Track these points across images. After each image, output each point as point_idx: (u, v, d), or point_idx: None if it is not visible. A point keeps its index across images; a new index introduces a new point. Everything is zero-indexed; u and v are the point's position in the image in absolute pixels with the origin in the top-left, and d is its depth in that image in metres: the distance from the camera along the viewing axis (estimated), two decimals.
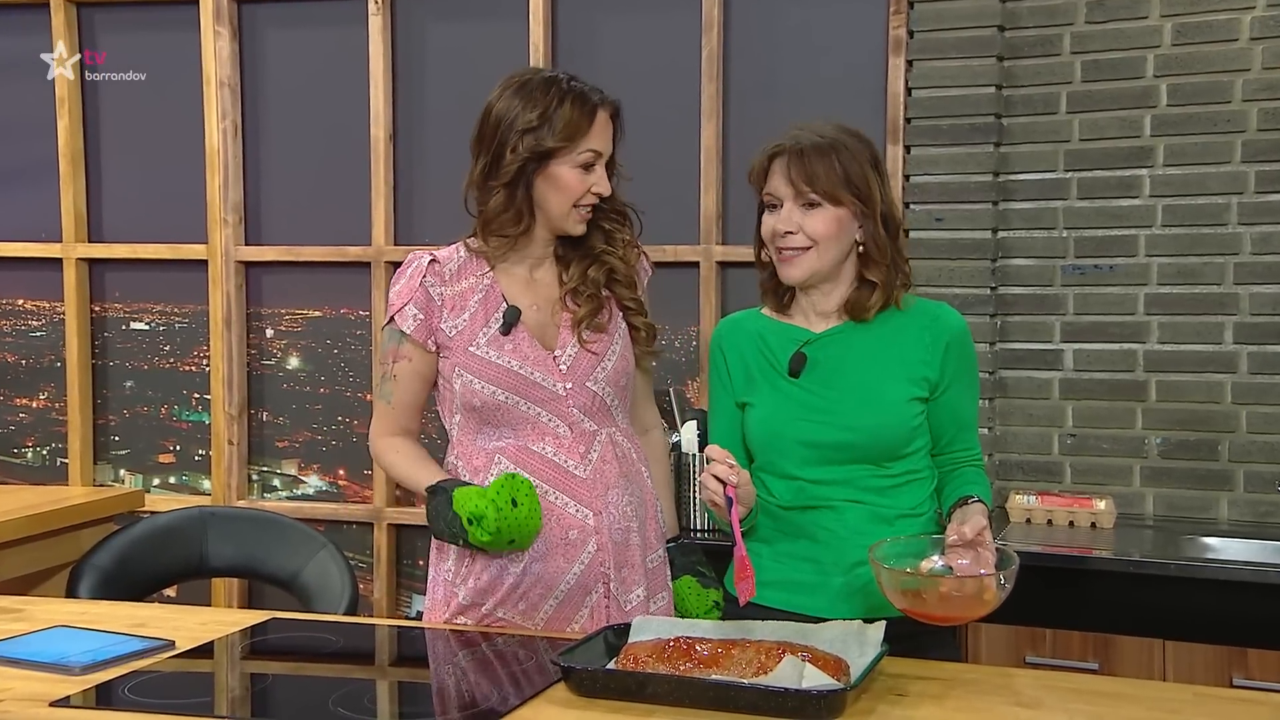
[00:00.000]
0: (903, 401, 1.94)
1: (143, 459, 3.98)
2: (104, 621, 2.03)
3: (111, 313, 3.99)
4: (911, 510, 1.97)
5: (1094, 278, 3.22)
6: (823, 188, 1.92)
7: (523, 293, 2.08)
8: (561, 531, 2.00)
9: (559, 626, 2.02)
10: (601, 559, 2.02)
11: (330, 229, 3.77)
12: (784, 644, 1.64)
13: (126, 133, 3.93)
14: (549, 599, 2.02)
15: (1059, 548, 2.81)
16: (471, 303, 2.05)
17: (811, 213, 1.93)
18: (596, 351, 2.06)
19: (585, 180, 2.01)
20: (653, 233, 3.55)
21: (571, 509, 2.01)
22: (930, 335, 1.97)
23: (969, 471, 2.01)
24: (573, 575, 2.01)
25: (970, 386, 2.02)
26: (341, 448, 3.80)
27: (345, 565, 2.85)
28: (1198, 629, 2.62)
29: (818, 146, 1.93)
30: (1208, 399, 3.14)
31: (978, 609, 1.72)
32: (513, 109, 1.99)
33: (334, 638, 2.05)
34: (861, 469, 1.94)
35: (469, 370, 2.02)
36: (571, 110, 1.98)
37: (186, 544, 2.98)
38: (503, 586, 2.01)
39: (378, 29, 3.66)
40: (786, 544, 1.99)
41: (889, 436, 1.94)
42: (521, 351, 2.02)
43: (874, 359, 1.96)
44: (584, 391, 2.04)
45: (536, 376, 2.01)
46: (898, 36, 3.28)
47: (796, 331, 2.02)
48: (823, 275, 1.97)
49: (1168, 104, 3.14)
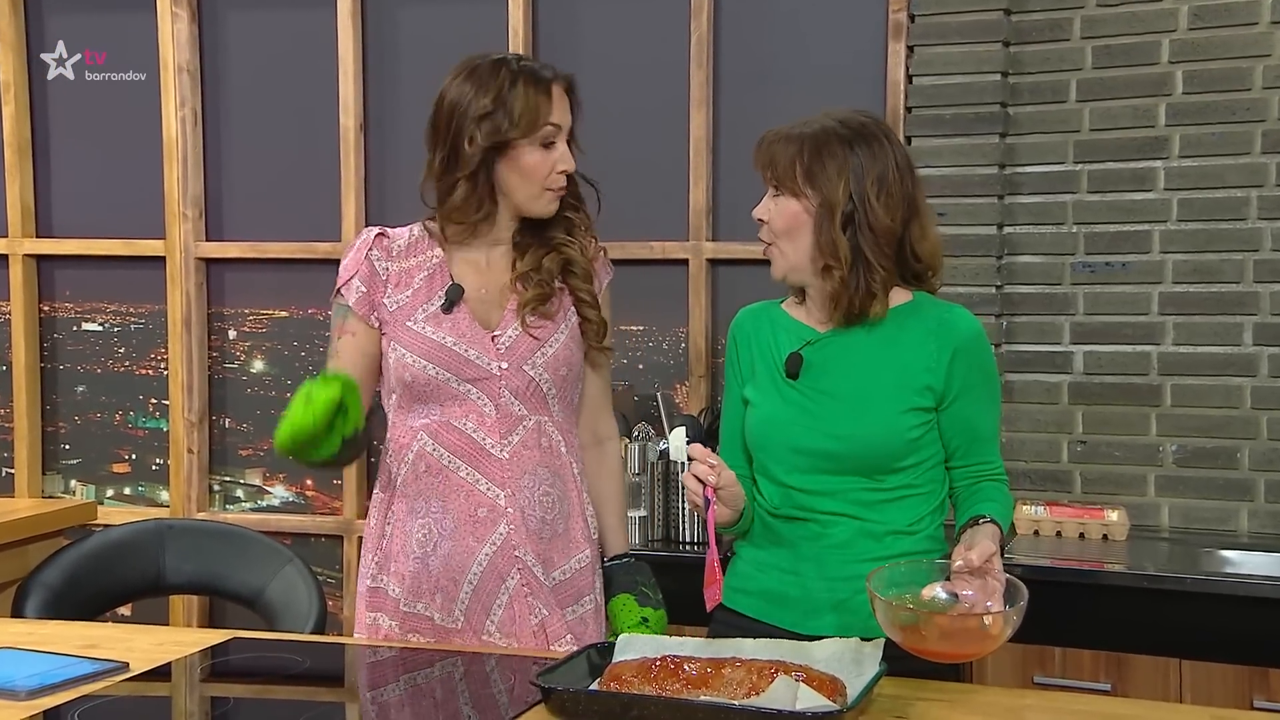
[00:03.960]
0: (898, 412, 1.93)
1: (95, 469, 3.96)
2: (53, 643, 2.01)
3: (62, 313, 3.97)
4: (906, 528, 1.96)
5: (1105, 276, 3.23)
6: (777, 175, 1.94)
7: (472, 275, 2.13)
8: (470, 508, 2.06)
9: (478, 618, 2.05)
10: (515, 542, 2.06)
11: (297, 224, 3.76)
12: (777, 663, 1.64)
13: (78, 121, 3.92)
14: (463, 584, 2.05)
15: (1069, 561, 2.82)
16: (417, 280, 2.11)
17: (776, 201, 1.96)
18: (538, 336, 2.11)
19: (549, 159, 2.06)
20: (639, 228, 3.59)
21: (482, 485, 2.06)
22: (936, 341, 1.94)
23: (987, 487, 1.98)
24: (484, 556, 2.05)
25: (987, 397, 1.99)
26: None
27: (313, 581, 2.84)
28: (1216, 647, 2.63)
29: (791, 134, 1.95)
30: (1226, 404, 3.15)
31: (982, 645, 1.70)
32: (465, 96, 2.03)
33: (300, 658, 2.04)
34: (851, 480, 1.94)
35: (402, 344, 2.07)
36: (526, 90, 2.02)
37: (142, 559, 2.97)
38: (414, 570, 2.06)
39: (347, 11, 3.66)
40: (768, 553, 2.01)
41: (880, 448, 1.93)
42: (459, 329, 2.07)
43: (872, 364, 1.95)
44: (520, 374, 2.08)
45: (470, 354, 2.06)
46: (898, 20, 3.30)
47: (804, 330, 2.02)
48: (803, 270, 1.98)
49: (1184, 92, 3.16)
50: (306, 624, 2.72)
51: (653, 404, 3.41)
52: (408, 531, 2.08)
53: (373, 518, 2.15)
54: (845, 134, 1.93)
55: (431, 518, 2.07)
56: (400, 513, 2.10)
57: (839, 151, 1.92)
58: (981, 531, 1.85)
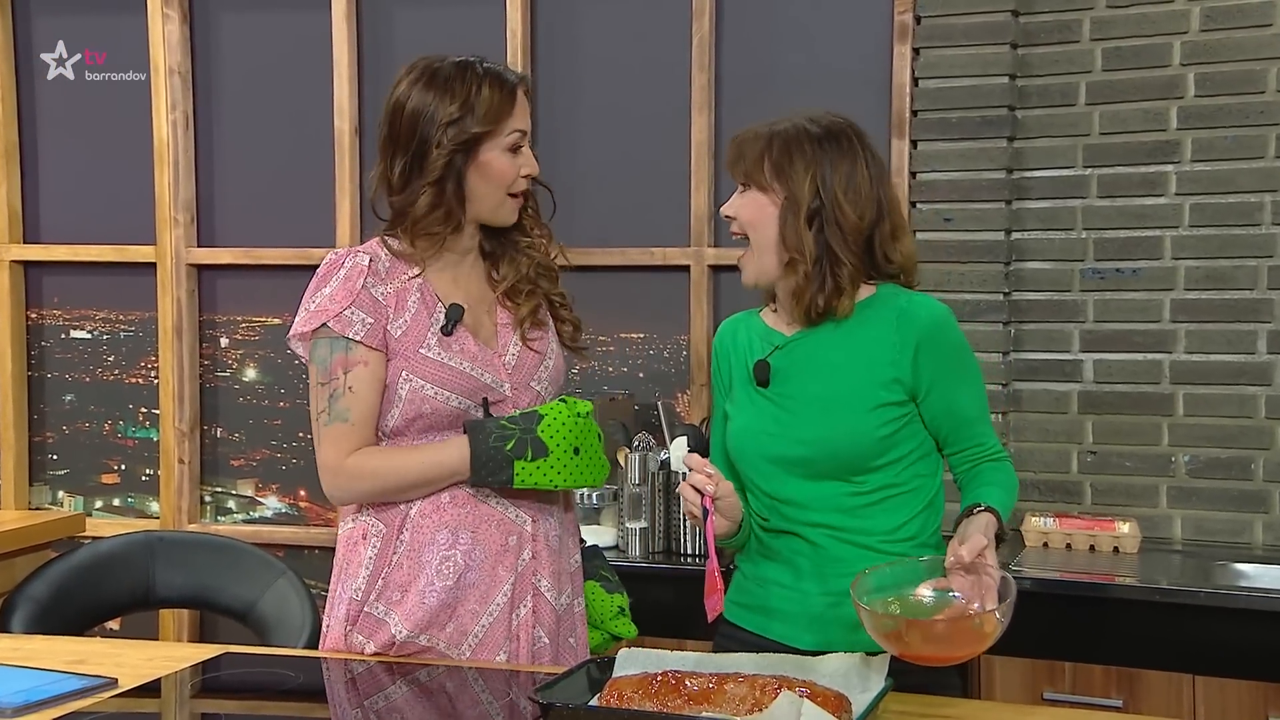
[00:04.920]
0: (866, 410, 1.91)
1: (84, 480, 3.96)
2: (40, 658, 2.01)
3: (50, 320, 3.97)
4: (895, 531, 1.94)
5: (1115, 282, 3.23)
6: (746, 170, 1.95)
7: (453, 290, 2.09)
8: (501, 538, 2.03)
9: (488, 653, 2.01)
10: (534, 568, 2.05)
11: (290, 229, 3.76)
12: (781, 679, 1.63)
13: (67, 123, 3.92)
14: (483, 616, 2.02)
15: (1079, 574, 2.82)
16: (411, 302, 2.05)
17: (744, 196, 1.97)
18: (539, 350, 2.11)
19: (515, 164, 2.06)
20: (639, 234, 3.58)
21: (511, 513, 2.04)
22: (898, 334, 1.93)
23: (986, 470, 1.97)
24: (508, 586, 2.03)
25: (962, 379, 1.96)
26: (302, 466, 3.79)
27: (306, 595, 2.84)
28: (1230, 663, 2.62)
29: (760, 131, 1.97)
30: (1240, 413, 3.14)
31: (974, 645, 1.68)
32: (429, 103, 2.01)
33: (293, 674, 2.04)
34: (829, 486, 1.93)
35: (420, 375, 2.01)
36: (492, 93, 2.02)
37: (132, 572, 2.96)
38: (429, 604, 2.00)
39: (342, 13, 3.66)
40: (768, 567, 2.01)
41: (851, 449, 1.91)
42: (469, 352, 2.05)
43: (839, 363, 1.95)
44: (527, 392, 2.08)
45: (485, 379, 2.04)
46: (903, 22, 3.30)
47: (774, 335, 2.02)
48: (770, 271, 1.97)
49: (1196, 95, 3.15)
50: (300, 639, 2.72)
51: (653, 413, 3.40)
52: (423, 562, 2.01)
53: (372, 545, 2.04)
54: (815, 132, 1.94)
55: (459, 549, 2.01)
56: (416, 543, 2.01)
57: (808, 149, 1.93)
58: (974, 523, 1.82)
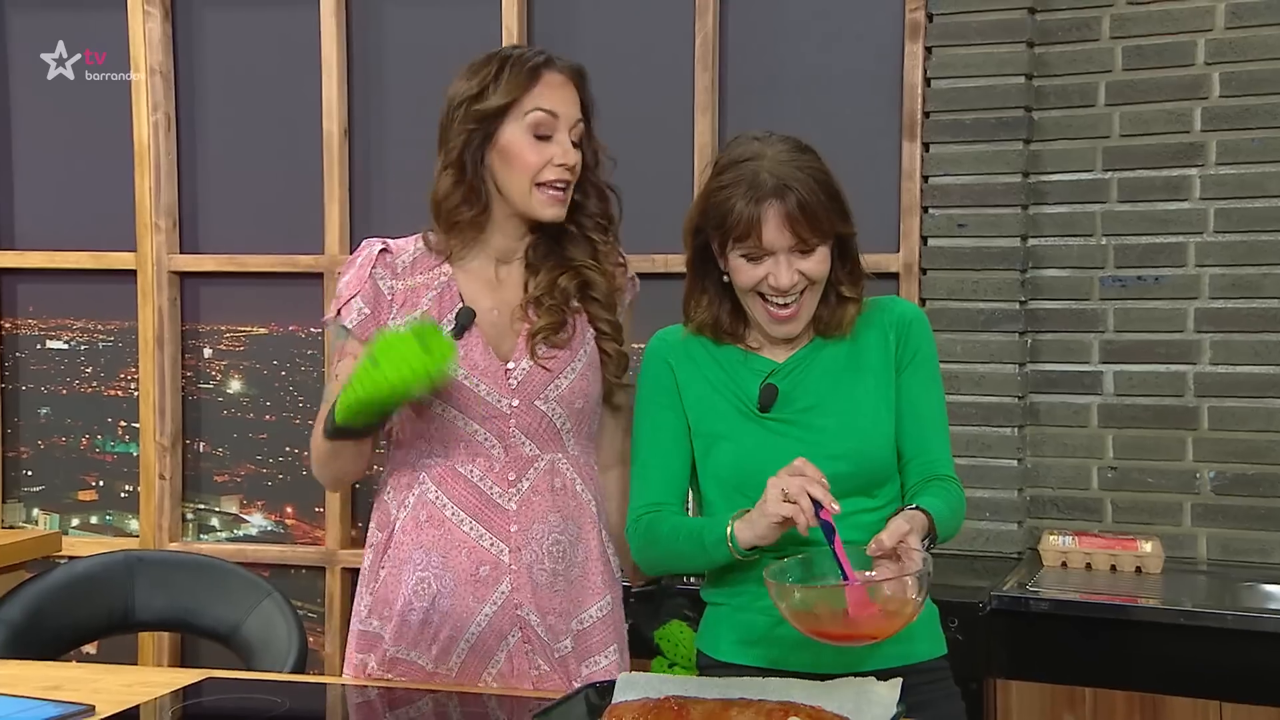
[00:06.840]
0: (886, 416, 1.95)
1: (60, 496, 3.95)
2: (13, 684, 2.00)
3: (24, 330, 3.97)
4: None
5: (1137, 291, 3.23)
6: (821, 230, 1.89)
7: (484, 293, 2.08)
8: (471, 566, 2.01)
9: (474, 669, 2.02)
10: (517, 600, 2.02)
11: (277, 235, 3.76)
12: (787, 704, 1.63)
13: (43, 125, 3.92)
14: (460, 641, 2.02)
15: (1099, 595, 2.81)
16: (424, 300, 2.05)
17: (806, 258, 1.91)
18: (551, 368, 2.05)
19: (542, 151, 2.00)
20: (640, 240, 3.55)
21: (485, 541, 2.02)
22: (889, 329, 1.99)
23: (934, 485, 1.93)
24: (484, 617, 2.02)
25: (929, 380, 1.99)
26: (289, 482, 3.79)
27: (293, 616, 2.83)
28: (1258, 688, 2.61)
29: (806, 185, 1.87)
30: (1267, 427, 3.14)
31: (887, 622, 1.68)
32: (459, 89, 2.04)
33: (279, 699, 2.02)
34: (852, 502, 1.91)
35: None
36: (510, 71, 2.01)
37: (110, 593, 2.96)
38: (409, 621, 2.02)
39: (330, 11, 3.66)
40: (765, 597, 1.95)
41: (879, 457, 1.94)
42: (472, 360, 2.02)
43: (844, 375, 1.97)
44: (531, 411, 2.04)
45: (482, 391, 2.01)
46: (915, 20, 3.30)
47: (757, 361, 2.00)
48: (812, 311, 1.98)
49: (1221, 95, 3.16)
50: (286, 662, 2.71)
51: None
52: (402, 579, 2.04)
53: (368, 557, 2.10)
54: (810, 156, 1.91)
55: (431, 571, 2.01)
56: (397, 559, 2.05)
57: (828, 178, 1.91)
58: (900, 515, 1.80)
